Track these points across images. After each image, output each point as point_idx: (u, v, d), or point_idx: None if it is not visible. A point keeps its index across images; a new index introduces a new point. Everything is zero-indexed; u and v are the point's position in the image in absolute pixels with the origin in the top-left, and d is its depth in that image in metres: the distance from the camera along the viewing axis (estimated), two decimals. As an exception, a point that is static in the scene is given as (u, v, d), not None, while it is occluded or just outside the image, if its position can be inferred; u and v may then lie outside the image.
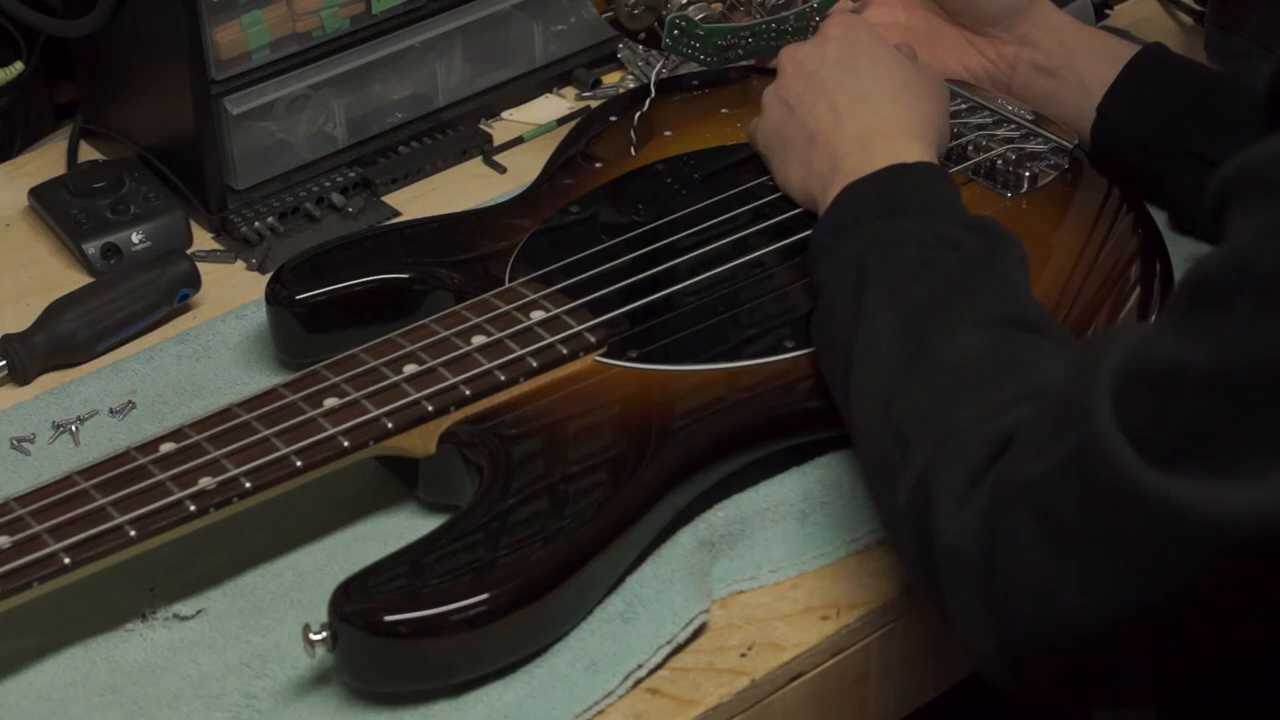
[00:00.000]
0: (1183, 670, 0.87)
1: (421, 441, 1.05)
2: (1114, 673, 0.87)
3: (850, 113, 1.16)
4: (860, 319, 1.02)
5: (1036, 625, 0.86)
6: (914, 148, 1.13)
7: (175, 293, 1.24)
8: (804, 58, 1.21)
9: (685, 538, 1.05)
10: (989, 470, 0.89)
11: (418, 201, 1.35)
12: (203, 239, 1.32)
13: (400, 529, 1.08)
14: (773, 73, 1.25)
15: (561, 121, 1.42)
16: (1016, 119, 1.27)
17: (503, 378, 1.07)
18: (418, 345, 1.09)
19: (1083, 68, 1.26)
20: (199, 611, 1.04)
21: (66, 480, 1.00)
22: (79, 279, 1.27)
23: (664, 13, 1.27)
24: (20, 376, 1.20)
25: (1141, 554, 0.82)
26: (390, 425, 1.04)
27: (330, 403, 1.05)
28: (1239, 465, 0.79)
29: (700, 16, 1.28)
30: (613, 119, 1.31)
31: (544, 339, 1.10)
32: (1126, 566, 0.82)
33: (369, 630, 0.95)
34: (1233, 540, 0.79)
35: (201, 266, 1.26)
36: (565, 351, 1.10)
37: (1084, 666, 0.86)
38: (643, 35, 1.30)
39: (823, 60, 1.20)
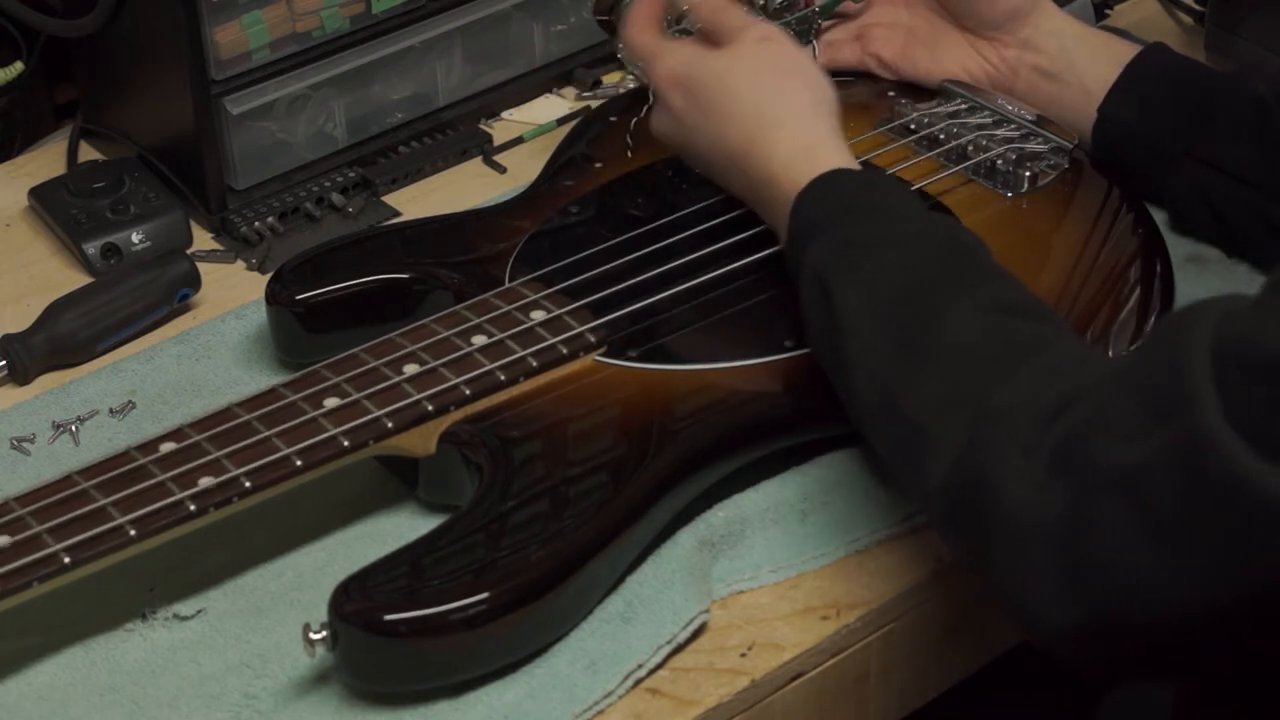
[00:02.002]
0: (1267, 656, 0.87)
1: (421, 441, 1.05)
2: (1197, 657, 0.87)
3: (737, 160, 1.14)
4: (838, 324, 1.02)
5: (1129, 611, 0.85)
6: (824, 155, 1.10)
7: (175, 293, 1.24)
8: (663, 133, 1.19)
9: (685, 538, 1.05)
10: (1041, 442, 0.88)
11: (418, 201, 1.35)
12: (203, 239, 1.32)
13: (400, 529, 1.08)
14: None
15: (561, 121, 1.42)
16: (1017, 119, 1.27)
17: (503, 378, 1.07)
18: (418, 345, 1.09)
19: (1084, 70, 1.26)
20: (199, 611, 1.04)
21: (66, 480, 1.00)
22: (79, 279, 1.27)
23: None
24: (20, 376, 1.20)
25: (1250, 545, 0.81)
26: (390, 425, 1.04)
27: (330, 403, 1.05)
28: None
29: (700, 25, 1.27)
30: (612, 119, 1.32)
31: (544, 339, 1.10)
32: (1232, 557, 0.82)
33: (369, 629, 0.95)
34: None
35: (201, 266, 1.26)
36: (565, 351, 1.10)
37: (1169, 650, 0.86)
38: None
39: (675, 124, 1.17)
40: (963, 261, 1.03)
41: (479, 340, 1.09)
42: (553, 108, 1.44)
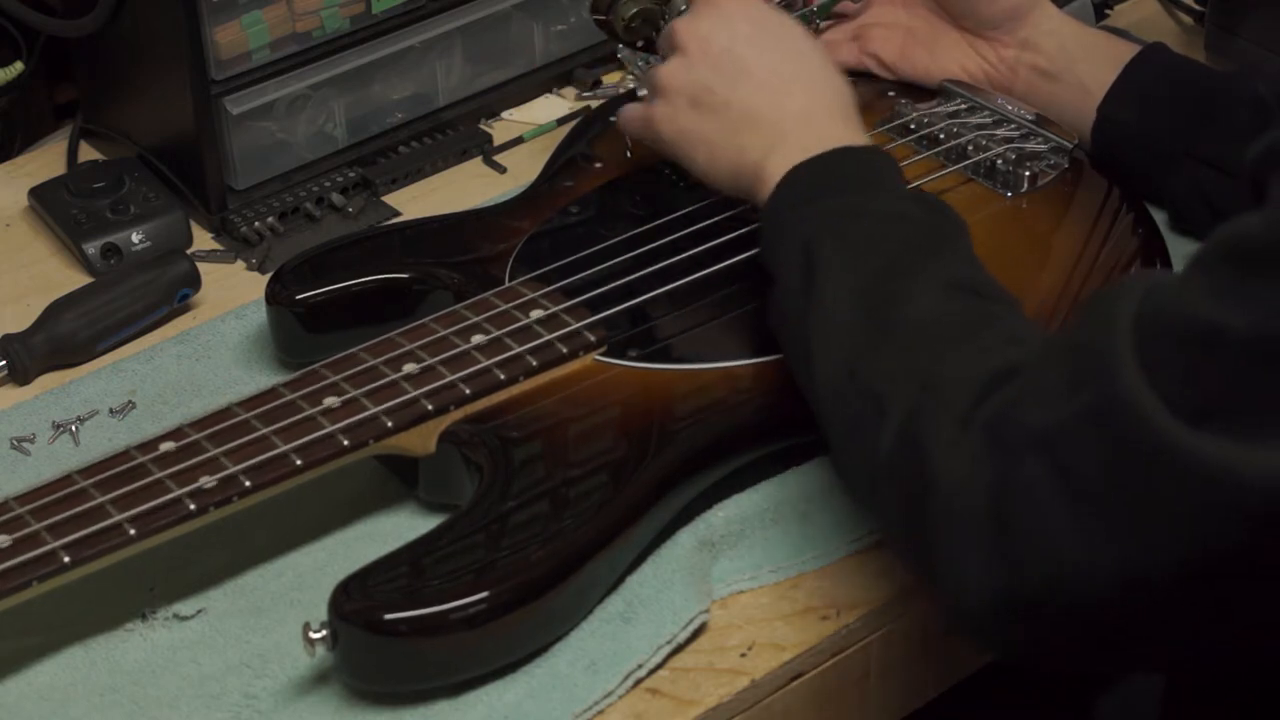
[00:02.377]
0: (1194, 635, 0.86)
1: (421, 440, 1.05)
2: (1122, 635, 0.86)
3: (785, 91, 1.12)
4: (813, 295, 1.01)
5: (1048, 579, 0.84)
6: (852, 130, 1.11)
7: (175, 293, 1.24)
8: (708, 34, 1.15)
9: (685, 538, 1.05)
10: (976, 413, 0.88)
11: (418, 201, 1.35)
12: (203, 239, 1.32)
13: (400, 529, 1.08)
14: None
15: (561, 121, 1.42)
16: (1016, 119, 1.27)
17: (502, 376, 1.07)
18: (417, 344, 1.09)
19: (1083, 70, 1.26)
20: (199, 611, 1.04)
21: (65, 479, 1.00)
22: (79, 279, 1.27)
23: (661, 23, 1.27)
24: (20, 376, 1.20)
25: (1168, 510, 0.81)
26: (390, 424, 1.04)
27: (330, 401, 1.05)
28: (1276, 429, 0.79)
29: None
30: (613, 119, 1.31)
31: (543, 337, 1.10)
32: (1151, 522, 0.81)
33: (369, 629, 0.95)
34: (1265, 502, 0.79)
35: (201, 266, 1.26)
36: (565, 350, 1.09)
37: (1091, 626, 0.85)
38: (640, 44, 1.30)
39: (733, 37, 1.14)
40: (939, 242, 1.02)
41: (477, 339, 1.09)
42: (553, 108, 1.44)
